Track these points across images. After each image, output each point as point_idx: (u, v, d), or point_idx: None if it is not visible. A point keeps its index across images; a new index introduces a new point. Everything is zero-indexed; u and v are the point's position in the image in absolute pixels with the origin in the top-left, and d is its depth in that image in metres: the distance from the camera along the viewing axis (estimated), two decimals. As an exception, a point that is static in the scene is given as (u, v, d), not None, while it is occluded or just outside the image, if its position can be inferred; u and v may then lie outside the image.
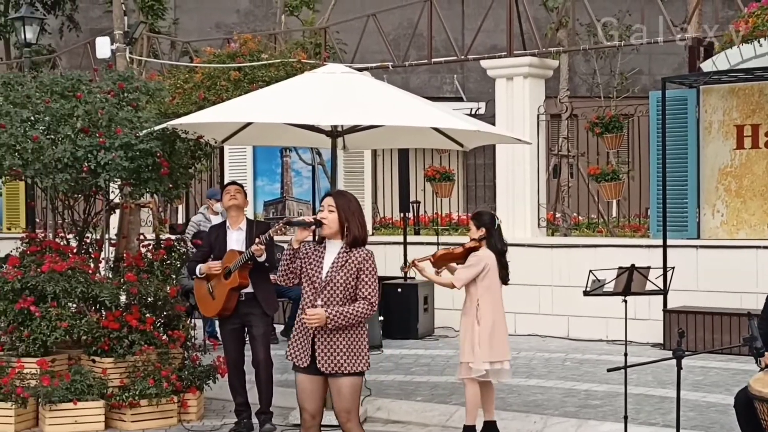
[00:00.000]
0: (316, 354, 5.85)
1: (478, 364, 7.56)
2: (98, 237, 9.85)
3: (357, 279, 5.88)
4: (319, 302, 5.85)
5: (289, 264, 5.98)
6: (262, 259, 8.11)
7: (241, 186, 8.64)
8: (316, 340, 5.85)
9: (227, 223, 8.47)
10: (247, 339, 8.52)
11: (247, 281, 8.18)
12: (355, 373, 5.88)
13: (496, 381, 7.79)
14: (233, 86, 12.83)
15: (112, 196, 9.77)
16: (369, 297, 5.87)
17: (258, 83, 12.47)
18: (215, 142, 9.47)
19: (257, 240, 7.98)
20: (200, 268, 8.31)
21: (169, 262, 9.28)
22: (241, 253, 8.17)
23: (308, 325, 5.83)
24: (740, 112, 11.92)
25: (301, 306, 5.97)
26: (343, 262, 5.87)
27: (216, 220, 11.56)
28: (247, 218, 8.53)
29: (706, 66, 12.13)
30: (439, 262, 7.78)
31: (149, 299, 9.05)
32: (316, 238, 6.01)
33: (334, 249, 5.93)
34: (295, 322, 6.03)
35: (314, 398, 5.95)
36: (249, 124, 8.99)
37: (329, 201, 5.95)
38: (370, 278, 5.89)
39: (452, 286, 7.74)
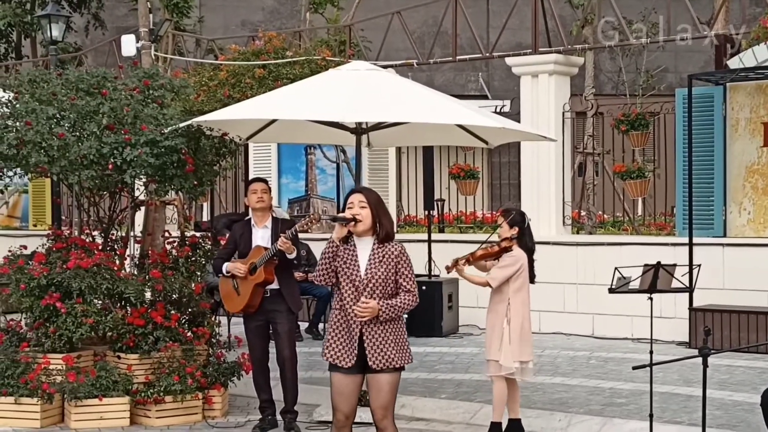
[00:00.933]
0: (366, 350, 5.86)
1: (509, 362, 7.57)
2: (123, 234, 9.89)
3: (396, 273, 5.92)
4: (363, 299, 5.86)
5: (330, 263, 5.96)
6: (293, 256, 8.12)
7: (267, 183, 8.65)
8: (364, 336, 5.86)
9: (252, 221, 8.48)
10: (272, 336, 8.54)
11: (272, 277, 8.19)
12: (399, 369, 5.93)
13: (521, 379, 7.78)
14: (258, 84, 12.84)
15: (137, 193, 9.80)
16: (411, 289, 5.94)
17: (283, 81, 12.47)
18: (240, 140, 9.48)
19: (282, 235, 7.98)
20: (226, 267, 8.32)
21: (194, 259, 9.30)
22: (266, 249, 8.18)
23: (360, 318, 5.84)
24: (767, 110, 11.83)
25: (338, 306, 5.97)
26: (380, 258, 5.90)
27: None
28: (272, 216, 8.54)
29: (733, 63, 12.04)
30: (477, 261, 7.74)
31: (174, 296, 9.08)
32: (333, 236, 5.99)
33: (365, 245, 5.95)
34: (331, 322, 6.02)
35: (351, 400, 5.97)
36: (274, 121, 9.00)
37: (360, 197, 5.95)
38: (409, 270, 5.96)
39: (486, 285, 7.71)
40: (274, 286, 8.24)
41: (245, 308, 8.31)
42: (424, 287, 12.49)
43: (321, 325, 12.66)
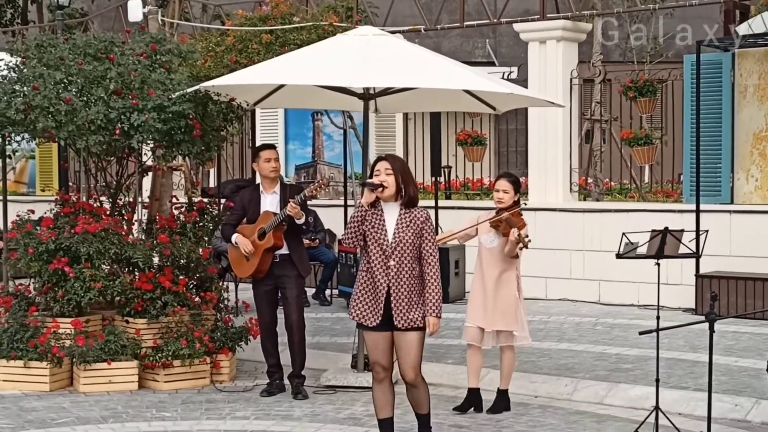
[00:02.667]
0: (393, 310, 6.15)
1: (527, 332, 7.68)
2: (131, 199, 9.91)
3: (420, 238, 6.14)
4: (391, 262, 6.14)
5: (359, 226, 6.24)
6: (302, 221, 8.15)
7: (275, 148, 8.64)
8: (391, 297, 6.13)
9: (261, 187, 8.48)
10: (280, 301, 8.57)
11: (281, 242, 8.22)
12: (424, 328, 6.23)
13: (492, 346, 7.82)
14: (265, 49, 12.79)
15: (144, 159, 9.81)
16: (433, 263, 6.19)
17: (290, 46, 12.42)
18: (247, 105, 9.48)
19: (291, 201, 8.01)
20: (235, 239, 8.33)
21: (201, 224, 9.32)
22: (276, 214, 8.19)
23: (433, 334, 6.30)
24: (776, 76, 11.80)
25: (365, 268, 6.24)
26: (407, 223, 6.19)
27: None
28: (281, 182, 8.55)
29: (742, 29, 11.99)
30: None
31: (182, 261, 9.12)
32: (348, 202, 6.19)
33: (391, 211, 6.23)
34: (358, 283, 6.30)
35: (387, 353, 6.30)
36: (281, 86, 8.99)
37: (385, 164, 6.22)
38: (432, 237, 6.23)
39: (516, 257, 7.60)
40: (284, 251, 8.28)
41: (254, 273, 8.34)
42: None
43: (328, 291, 12.69)
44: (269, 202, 8.39)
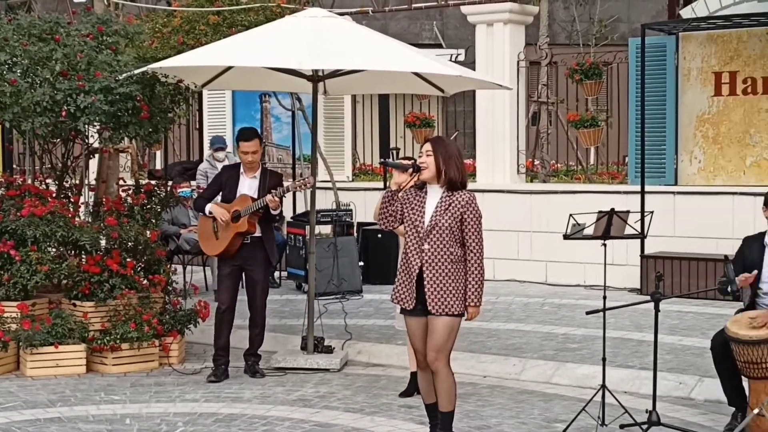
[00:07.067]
0: (427, 295, 5.97)
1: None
2: (77, 181, 9.82)
3: (462, 222, 5.99)
4: (426, 246, 5.97)
5: (387, 207, 6.12)
6: (277, 212, 8.20)
7: (257, 134, 8.54)
8: (425, 282, 5.97)
9: (242, 168, 8.43)
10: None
11: (254, 228, 8.23)
12: (457, 315, 6.02)
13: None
14: (212, 30, 12.70)
15: (91, 141, 9.73)
16: (476, 249, 5.99)
17: (237, 27, 12.34)
18: (195, 87, 9.43)
19: (273, 192, 8.02)
20: (210, 208, 8.30)
21: (149, 206, 9.28)
22: (254, 199, 8.18)
23: (472, 320, 6.13)
24: (718, 60, 11.95)
25: (404, 250, 6.12)
26: (446, 206, 5.99)
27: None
28: (262, 166, 8.51)
29: (686, 13, 12.13)
30: None
31: (130, 243, 9.07)
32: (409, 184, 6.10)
33: (435, 194, 6.05)
34: (399, 266, 6.18)
35: (424, 339, 6.08)
36: (229, 68, 8.95)
37: (427, 146, 6.08)
38: (475, 221, 6.00)
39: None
40: (256, 234, 8.27)
41: (222, 253, 8.31)
42: (379, 235, 12.55)
43: (276, 273, 12.66)
44: (248, 185, 8.35)
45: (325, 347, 8.88)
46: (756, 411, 6.19)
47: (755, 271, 6.51)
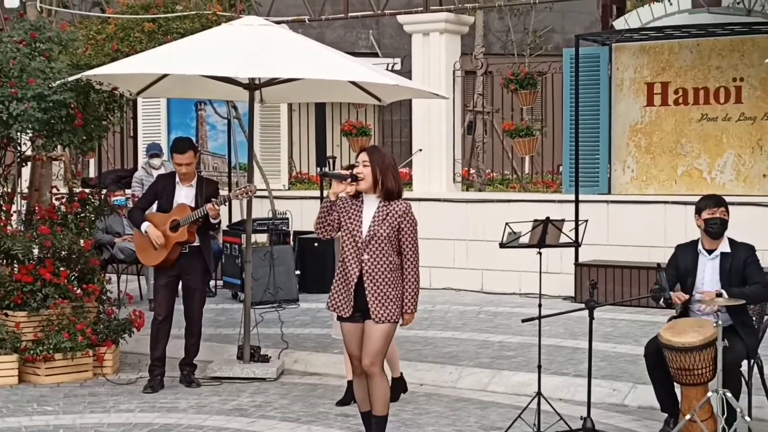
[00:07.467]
0: (369, 305, 6.03)
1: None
2: (9, 190, 9.68)
3: (399, 231, 6.05)
4: (365, 256, 6.02)
5: (326, 216, 6.13)
6: (217, 221, 8.18)
7: (192, 145, 8.47)
8: (367, 290, 6.02)
9: (177, 177, 8.36)
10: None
11: (194, 237, 8.18)
12: (394, 322, 6.10)
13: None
14: (147, 38, 12.60)
15: (23, 148, 9.60)
16: (412, 258, 6.08)
17: (173, 35, 12.26)
18: (130, 94, 9.35)
19: (214, 201, 7.98)
20: (146, 229, 8.20)
21: (83, 215, 9.18)
22: (192, 209, 8.12)
23: (407, 326, 6.22)
24: (650, 70, 12.13)
25: (341, 258, 6.14)
26: (384, 216, 6.04)
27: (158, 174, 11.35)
28: (198, 175, 8.46)
29: (619, 24, 12.30)
30: None
31: (63, 252, 8.96)
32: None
33: (371, 203, 6.09)
34: (335, 273, 6.21)
35: (361, 345, 6.13)
36: (165, 75, 8.89)
37: (363, 156, 6.10)
38: (412, 230, 6.07)
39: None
40: (194, 243, 8.22)
41: (161, 263, 8.24)
42: (316, 244, 12.54)
43: (212, 282, 12.57)
44: (185, 194, 8.29)
45: (262, 356, 8.84)
46: (688, 417, 6.29)
47: (688, 296, 6.62)
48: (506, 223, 7.01)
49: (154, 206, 8.43)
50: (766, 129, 11.49)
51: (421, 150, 13.27)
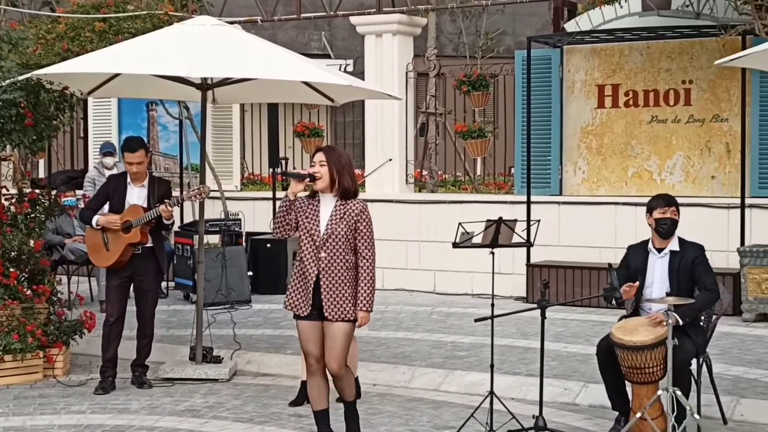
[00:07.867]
0: (323, 301, 6.11)
1: None
2: (-42, 190, 9.56)
3: (355, 230, 6.13)
4: (323, 254, 6.09)
5: (285, 216, 6.20)
6: (170, 222, 8.15)
7: (143, 144, 8.41)
8: (322, 289, 6.10)
9: (128, 178, 8.29)
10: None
11: (147, 238, 8.13)
12: (352, 320, 6.17)
13: None
14: (98, 38, 12.52)
15: (-28, 148, 9.49)
16: (368, 256, 6.16)
17: (124, 35, 12.19)
18: (81, 94, 9.28)
19: (167, 201, 7.93)
20: (98, 220, 8.15)
21: (33, 215, 9.09)
22: (145, 209, 8.06)
23: (363, 326, 6.27)
24: (601, 72, 12.24)
25: (298, 258, 6.20)
26: (341, 215, 6.12)
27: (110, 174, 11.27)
28: (150, 175, 8.39)
29: (570, 26, 12.40)
30: None
31: (13, 253, 8.87)
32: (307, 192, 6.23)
33: (328, 203, 6.17)
34: (292, 273, 6.26)
35: (318, 343, 6.21)
36: (116, 75, 8.83)
37: (320, 156, 6.18)
38: (368, 229, 6.18)
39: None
40: (147, 244, 8.16)
41: (113, 264, 8.18)
42: (268, 245, 12.52)
43: (164, 283, 12.50)
44: (136, 195, 8.23)
45: (214, 357, 8.81)
46: (639, 415, 6.36)
47: (637, 282, 6.69)
48: (459, 223, 7.04)
49: (106, 207, 8.37)
50: (715, 131, 11.64)
51: (391, 160, 13.31)
